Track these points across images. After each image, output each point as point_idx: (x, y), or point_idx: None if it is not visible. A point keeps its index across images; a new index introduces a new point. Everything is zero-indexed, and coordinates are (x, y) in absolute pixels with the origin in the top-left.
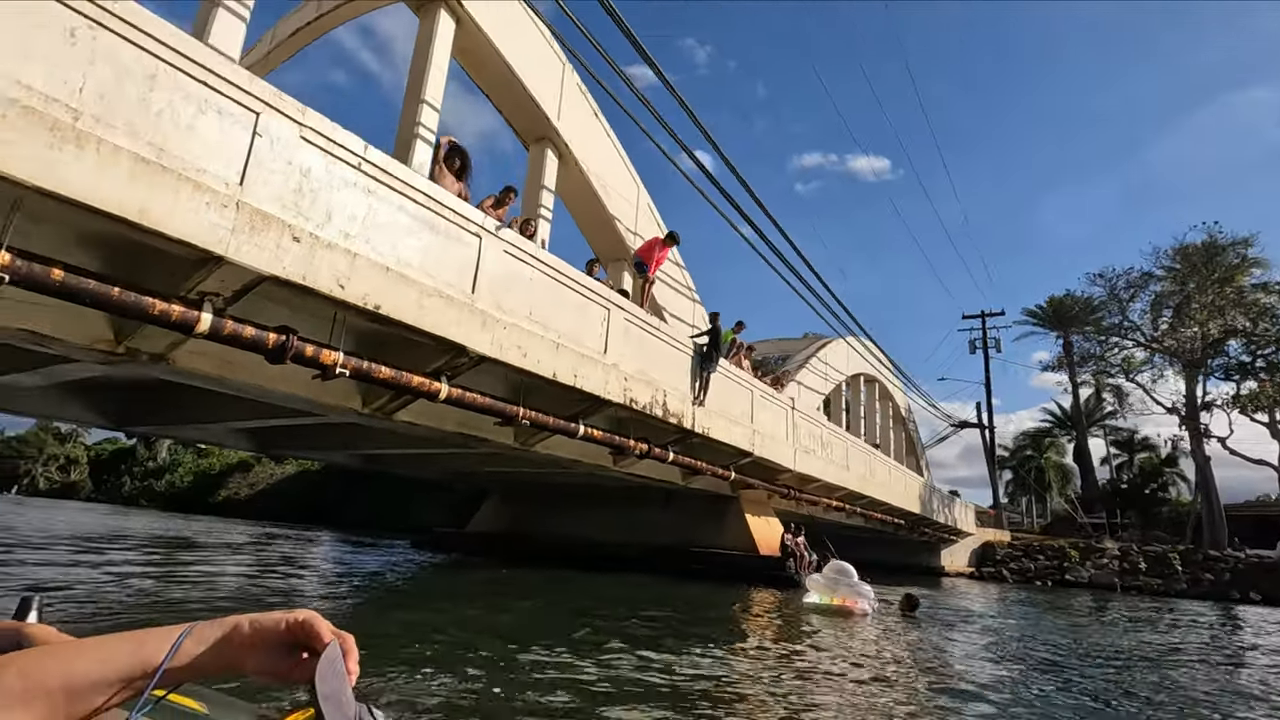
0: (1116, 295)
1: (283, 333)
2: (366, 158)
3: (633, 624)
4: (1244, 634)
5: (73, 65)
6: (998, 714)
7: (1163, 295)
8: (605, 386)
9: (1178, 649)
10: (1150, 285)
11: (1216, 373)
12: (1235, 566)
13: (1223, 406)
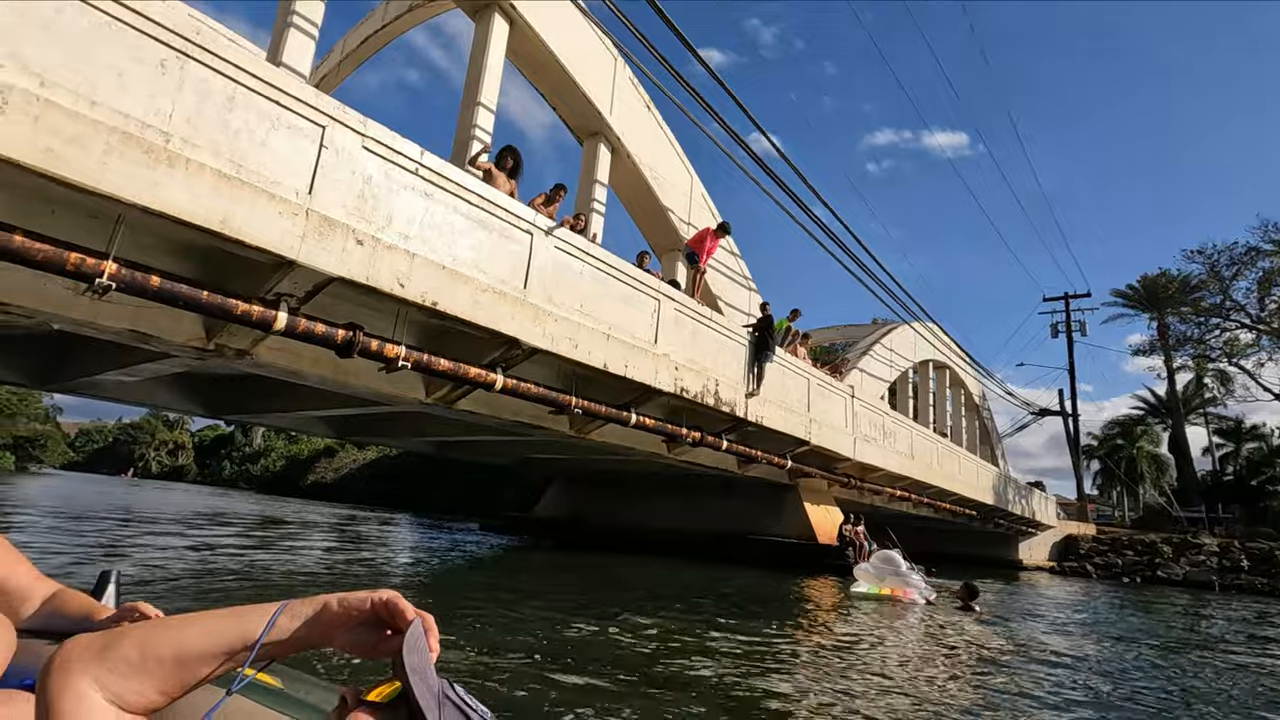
0: (1218, 273)
1: (350, 329)
2: (422, 163)
3: (679, 608)
4: None
5: (164, 93)
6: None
7: (1272, 272)
8: (655, 376)
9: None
10: (1258, 261)
11: None
12: None
13: None
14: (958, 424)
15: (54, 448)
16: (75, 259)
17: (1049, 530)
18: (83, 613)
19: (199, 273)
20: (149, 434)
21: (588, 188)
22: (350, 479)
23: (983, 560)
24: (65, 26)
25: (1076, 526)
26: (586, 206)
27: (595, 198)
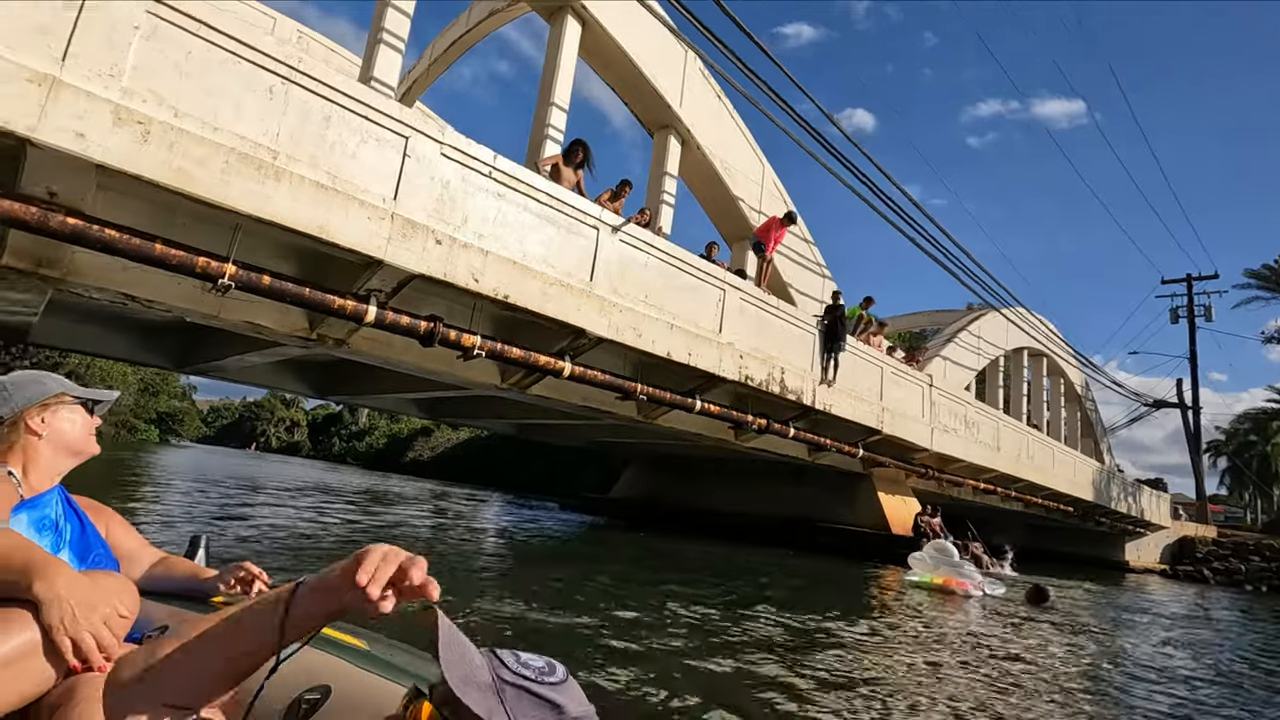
0: None
1: (431, 321)
2: (496, 166)
3: (738, 586)
4: None
5: (271, 115)
6: None
7: None
8: (719, 364)
9: None
10: None
11: None
12: None
13: None
14: (1056, 415)
15: (190, 423)
16: (203, 263)
17: (1161, 531)
18: (188, 573)
19: (301, 271)
20: (269, 412)
21: (658, 180)
22: (444, 457)
23: (1083, 559)
24: (194, 65)
25: (1194, 528)
26: (657, 198)
27: (665, 190)
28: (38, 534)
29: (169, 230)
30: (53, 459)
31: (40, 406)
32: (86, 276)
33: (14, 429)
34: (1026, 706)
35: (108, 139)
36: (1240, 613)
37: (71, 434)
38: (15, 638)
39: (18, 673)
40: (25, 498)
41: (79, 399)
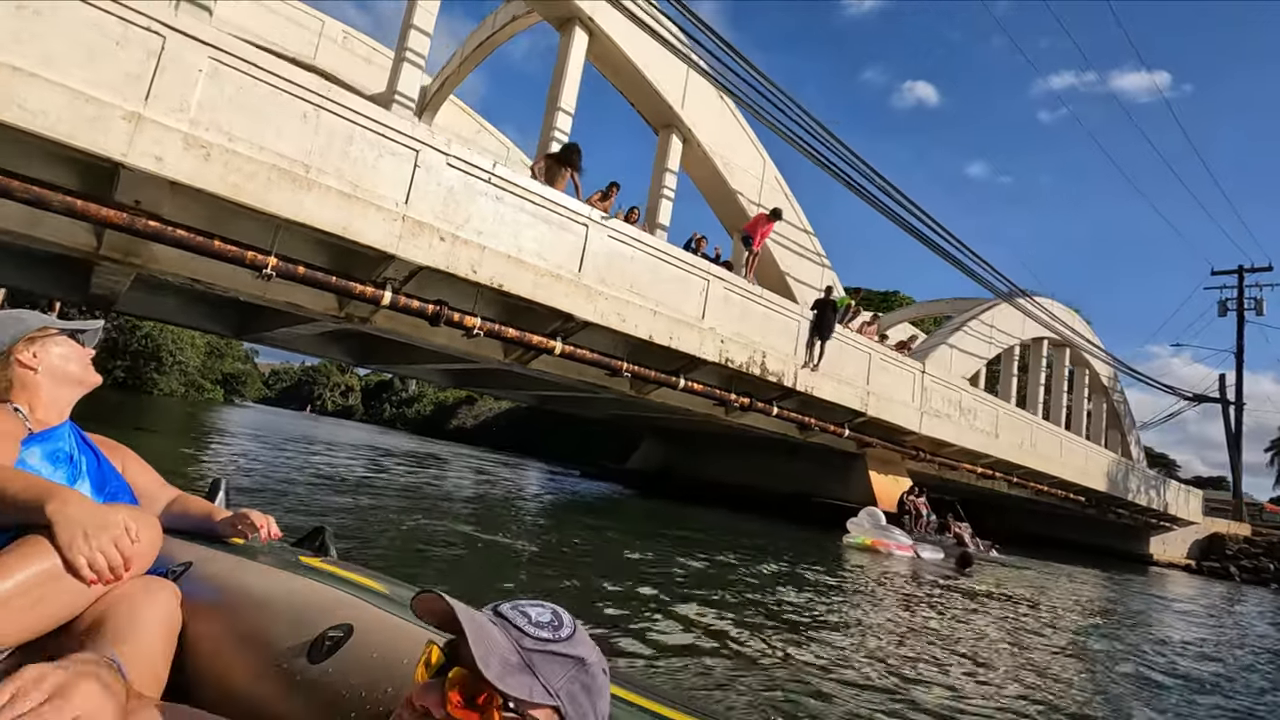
0: None
1: (438, 305)
2: (494, 173)
3: (719, 545)
4: None
5: (304, 136)
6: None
7: None
8: (700, 347)
9: None
10: None
11: None
12: None
13: None
14: (1079, 405)
15: (252, 384)
16: (251, 255)
17: (1191, 526)
18: (204, 513)
19: (330, 262)
20: (325, 377)
21: (660, 175)
22: (486, 426)
23: (1106, 551)
24: (245, 97)
25: (1226, 525)
26: (658, 193)
27: (666, 185)
28: (52, 466)
29: (225, 229)
30: (54, 391)
31: (27, 341)
32: (162, 264)
33: (6, 365)
34: (899, 640)
35: (179, 161)
36: (1223, 603)
37: (66, 364)
38: (37, 564)
39: (41, 597)
40: (34, 431)
41: (64, 331)
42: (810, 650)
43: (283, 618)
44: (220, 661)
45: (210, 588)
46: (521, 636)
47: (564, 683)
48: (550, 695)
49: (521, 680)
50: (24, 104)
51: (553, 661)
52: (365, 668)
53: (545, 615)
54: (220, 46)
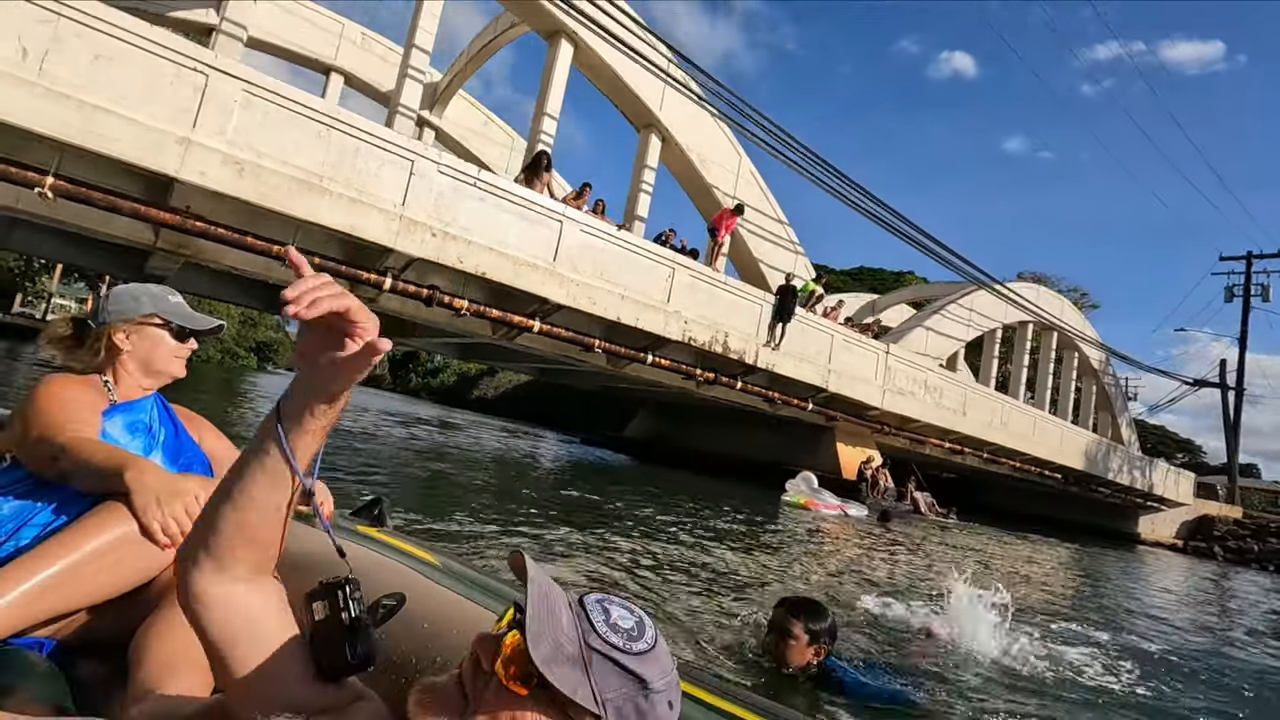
0: None
1: (431, 289)
2: (479, 178)
3: (684, 499)
4: None
5: (320, 151)
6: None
7: None
8: (665, 327)
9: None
10: None
11: None
12: None
13: None
14: (1066, 387)
15: (284, 352)
16: (277, 249)
17: (1182, 507)
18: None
19: (341, 254)
20: None
21: (639, 171)
22: (505, 397)
23: (1094, 529)
24: (271, 121)
25: (1217, 507)
26: (637, 187)
27: (645, 180)
28: (130, 436)
29: (256, 227)
30: (136, 374)
31: (126, 323)
32: (207, 255)
33: (99, 340)
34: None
35: (219, 175)
36: (1181, 579)
37: (152, 354)
38: (116, 528)
39: (120, 559)
40: (116, 402)
41: (167, 322)
42: (707, 565)
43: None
44: None
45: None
46: (589, 631)
47: (617, 696)
48: (596, 703)
49: (570, 674)
50: (103, 134)
51: (613, 671)
52: (416, 636)
53: (627, 621)
54: (251, 81)
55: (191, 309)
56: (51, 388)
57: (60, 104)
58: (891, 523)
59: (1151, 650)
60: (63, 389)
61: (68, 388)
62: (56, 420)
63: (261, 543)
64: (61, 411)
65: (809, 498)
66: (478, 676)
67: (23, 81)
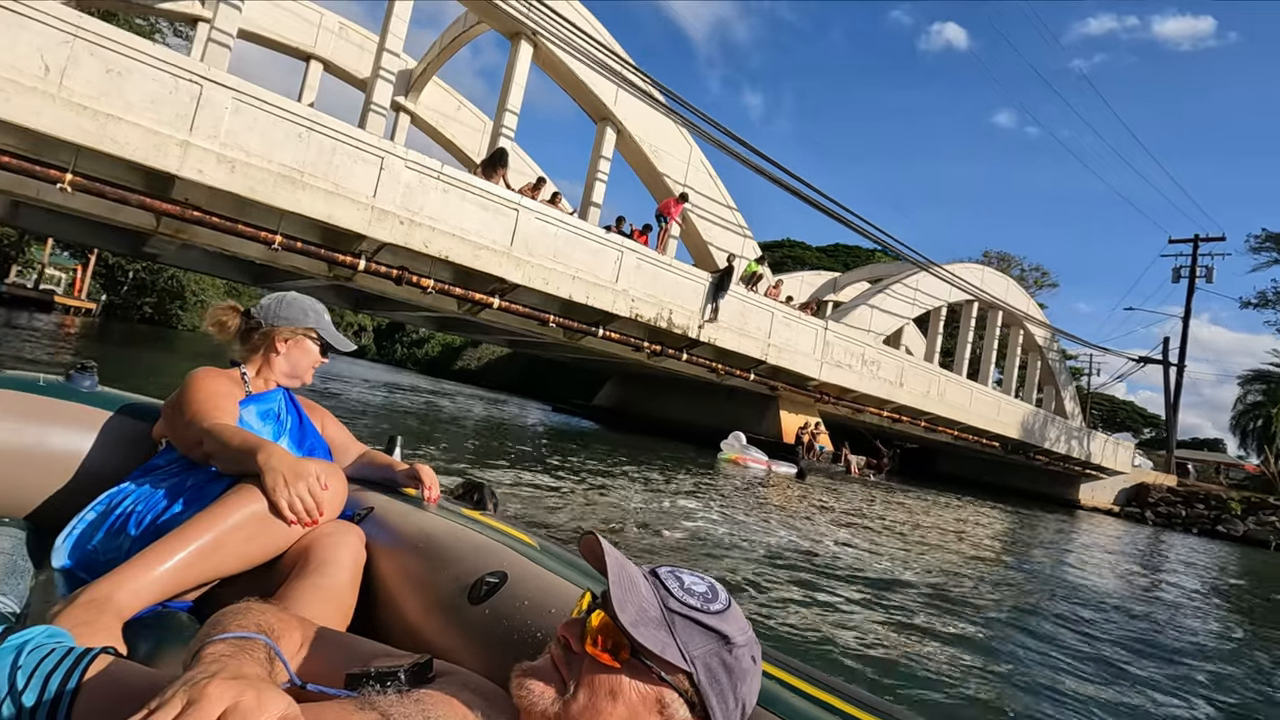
0: None
1: (400, 269)
2: (443, 172)
3: (634, 455)
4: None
5: (300, 150)
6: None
7: None
8: (614, 304)
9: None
10: None
11: None
12: None
13: None
14: (1012, 363)
15: None
16: (264, 235)
17: (1119, 476)
18: (385, 464)
19: (321, 239)
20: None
21: (596, 161)
22: (487, 368)
23: (1038, 496)
24: (258, 124)
25: (1153, 476)
26: (594, 176)
27: (600, 170)
28: (261, 423)
29: (246, 215)
30: (279, 374)
31: (290, 330)
32: (201, 239)
33: (264, 339)
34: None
35: (214, 172)
36: (1088, 539)
37: (300, 362)
38: (250, 505)
39: (254, 534)
40: (251, 393)
41: (320, 338)
42: (637, 507)
43: (447, 561)
44: (394, 597)
45: (388, 531)
46: (668, 597)
47: (702, 653)
48: (685, 660)
49: (656, 635)
50: (114, 138)
51: (695, 630)
52: (517, 612)
53: (700, 586)
54: (240, 89)
55: (335, 329)
56: (198, 380)
57: (78, 113)
58: (806, 479)
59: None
60: (207, 381)
61: (212, 380)
62: (202, 409)
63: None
64: (206, 401)
65: (739, 454)
66: (570, 659)
67: (46, 95)
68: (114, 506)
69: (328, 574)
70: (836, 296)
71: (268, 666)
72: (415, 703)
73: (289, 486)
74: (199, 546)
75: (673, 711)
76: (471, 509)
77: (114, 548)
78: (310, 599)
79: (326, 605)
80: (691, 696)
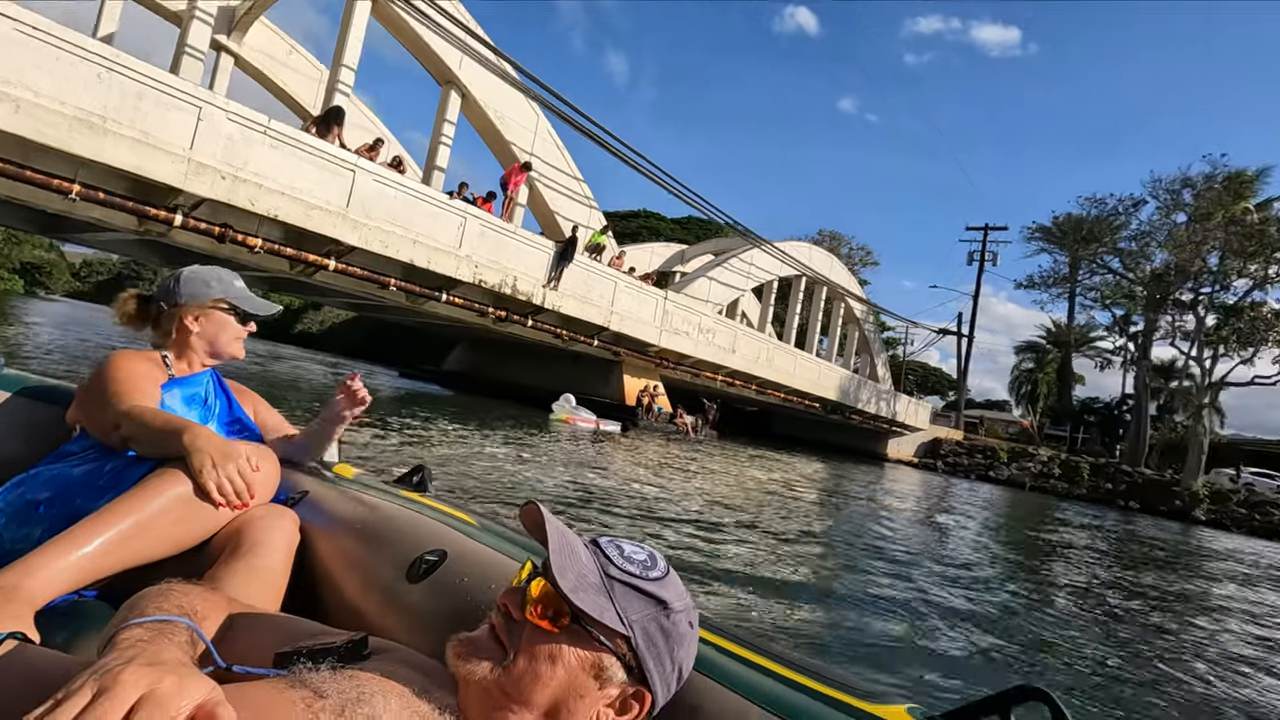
0: (1109, 223)
1: (223, 227)
2: (270, 127)
3: (479, 416)
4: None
5: (101, 93)
6: None
7: (1152, 226)
8: (457, 270)
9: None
10: (1140, 213)
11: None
12: (1134, 481)
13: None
14: (833, 334)
15: (59, 275)
16: (58, 183)
17: (919, 432)
18: (314, 428)
19: (130, 190)
20: (152, 271)
21: (440, 125)
22: (331, 332)
23: (854, 450)
24: (48, 62)
25: (945, 431)
26: (437, 139)
27: (444, 133)
28: (187, 408)
29: (37, 162)
30: (199, 353)
31: (197, 307)
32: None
33: (170, 320)
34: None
35: None
36: (872, 482)
37: (217, 337)
38: (176, 488)
39: (180, 517)
40: (175, 376)
41: (234, 306)
42: (463, 457)
43: (385, 542)
44: (331, 579)
45: (324, 514)
46: (608, 564)
47: (640, 618)
48: (623, 625)
49: (595, 600)
50: None
51: (633, 595)
52: (456, 589)
53: (640, 554)
54: (23, 20)
55: (252, 293)
56: (116, 361)
57: None
58: (628, 433)
59: (805, 528)
60: (126, 363)
61: (131, 362)
62: (119, 391)
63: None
64: (125, 383)
65: (569, 414)
66: (510, 628)
67: None
68: (23, 493)
69: (260, 554)
70: (684, 268)
71: (189, 650)
72: (349, 679)
73: (217, 468)
74: (120, 531)
75: (610, 675)
76: (410, 490)
77: (23, 536)
78: (240, 580)
79: (258, 586)
80: (630, 660)
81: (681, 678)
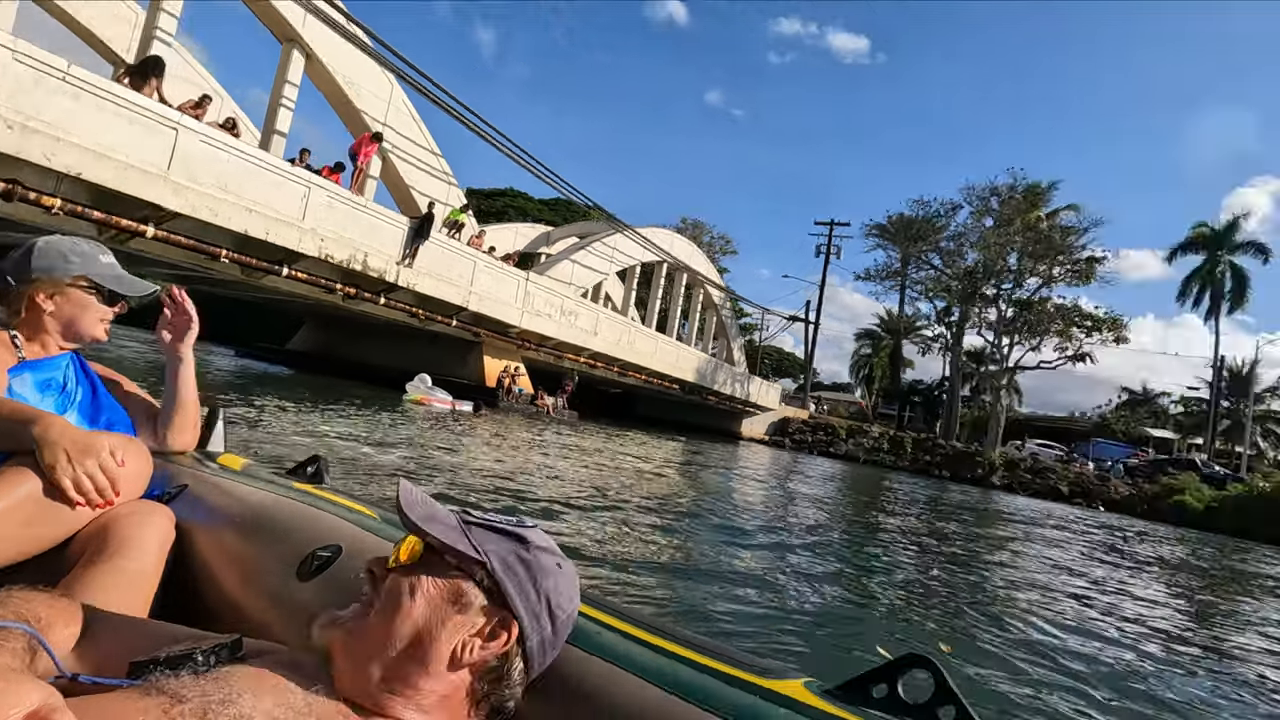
0: (932, 222)
1: (10, 183)
2: (70, 73)
3: (331, 398)
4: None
5: None
6: None
7: (966, 228)
8: (300, 243)
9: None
10: (957, 216)
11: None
12: (946, 453)
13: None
14: (693, 319)
15: None
16: None
17: (770, 412)
18: (165, 397)
19: None
20: None
21: (280, 86)
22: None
23: (711, 429)
24: None
25: (793, 411)
26: (277, 101)
27: (286, 95)
28: (41, 395)
29: None
30: (55, 334)
31: (52, 284)
32: None
33: (20, 300)
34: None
35: None
36: (709, 456)
37: (76, 319)
38: (24, 485)
39: (30, 517)
40: (26, 359)
41: (97, 285)
42: (319, 436)
43: (274, 538)
44: (213, 579)
45: (204, 510)
46: (467, 515)
47: (497, 548)
48: (478, 551)
49: (447, 530)
50: None
51: (490, 534)
52: (351, 586)
53: (506, 516)
54: None
55: (124, 270)
56: None
57: None
58: (481, 414)
59: (652, 497)
60: None
61: None
62: None
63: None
64: None
65: (424, 395)
66: (375, 585)
67: None
68: None
69: (127, 555)
70: (549, 249)
71: (25, 658)
72: (215, 681)
73: (74, 463)
74: None
75: (470, 600)
76: (304, 482)
77: None
78: (102, 585)
79: (124, 590)
80: (489, 585)
81: (554, 612)
